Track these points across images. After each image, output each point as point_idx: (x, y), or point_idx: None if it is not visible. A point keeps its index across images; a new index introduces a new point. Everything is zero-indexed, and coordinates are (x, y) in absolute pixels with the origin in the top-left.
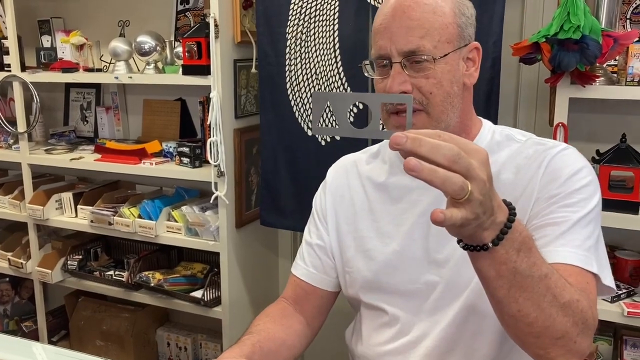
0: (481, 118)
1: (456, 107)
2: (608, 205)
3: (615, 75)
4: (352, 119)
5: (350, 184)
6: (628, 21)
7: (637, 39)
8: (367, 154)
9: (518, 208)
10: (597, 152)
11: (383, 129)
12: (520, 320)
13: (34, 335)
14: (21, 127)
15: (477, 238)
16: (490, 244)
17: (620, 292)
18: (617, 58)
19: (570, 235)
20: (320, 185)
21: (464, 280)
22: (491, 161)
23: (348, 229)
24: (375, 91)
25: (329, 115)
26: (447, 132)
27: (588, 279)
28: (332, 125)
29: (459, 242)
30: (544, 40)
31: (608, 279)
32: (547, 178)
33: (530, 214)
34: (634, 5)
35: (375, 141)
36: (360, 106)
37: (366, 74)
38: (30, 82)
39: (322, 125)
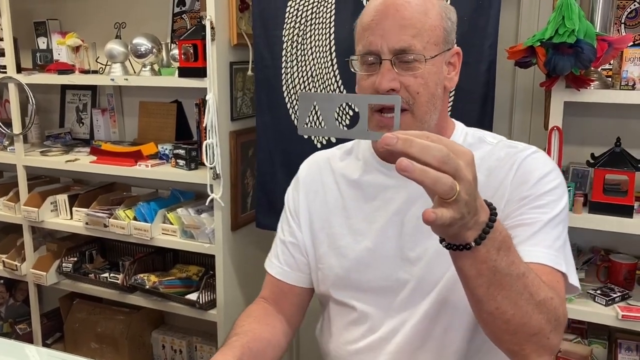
0: (454, 120)
1: (437, 109)
2: (603, 208)
3: (610, 79)
4: (348, 121)
5: (323, 180)
6: (622, 25)
7: (631, 43)
8: (341, 151)
9: None
10: (592, 155)
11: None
12: (498, 318)
13: (28, 338)
14: (16, 128)
15: (460, 237)
16: (472, 244)
17: (614, 295)
18: (611, 62)
19: (541, 236)
20: (293, 181)
21: (435, 277)
22: None
23: (321, 225)
24: (359, 88)
25: (317, 115)
26: (428, 130)
27: (558, 278)
28: (319, 126)
29: (441, 241)
30: (539, 44)
31: (574, 278)
32: (518, 180)
33: (502, 215)
34: (629, 10)
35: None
36: (356, 109)
37: (352, 70)
38: (26, 84)
39: (308, 125)
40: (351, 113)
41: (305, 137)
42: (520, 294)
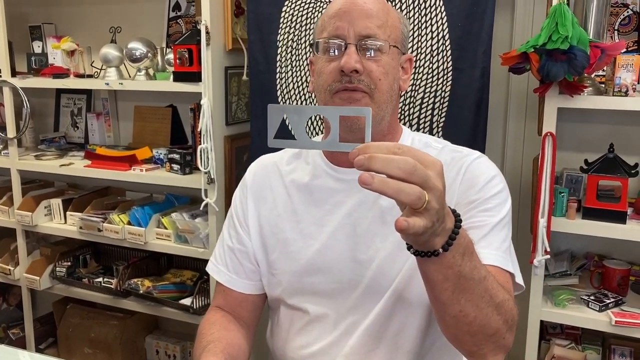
0: (400, 124)
1: (392, 105)
2: (596, 214)
3: (603, 85)
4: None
5: (272, 184)
6: (616, 32)
7: (624, 49)
8: (289, 154)
9: None
10: (586, 161)
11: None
12: (461, 320)
13: (21, 343)
14: (11, 132)
15: (429, 244)
16: (440, 250)
17: (608, 301)
18: (605, 68)
19: (490, 238)
20: (240, 185)
21: (387, 279)
22: None
23: (271, 230)
24: (318, 74)
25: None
26: (380, 127)
27: (507, 278)
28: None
29: (409, 248)
30: (533, 50)
31: (519, 278)
32: (466, 184)
33: None
34: (622, 17)
35: None
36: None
37: (313, 54)
38: (21, 88)
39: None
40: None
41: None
42: (482, 297)
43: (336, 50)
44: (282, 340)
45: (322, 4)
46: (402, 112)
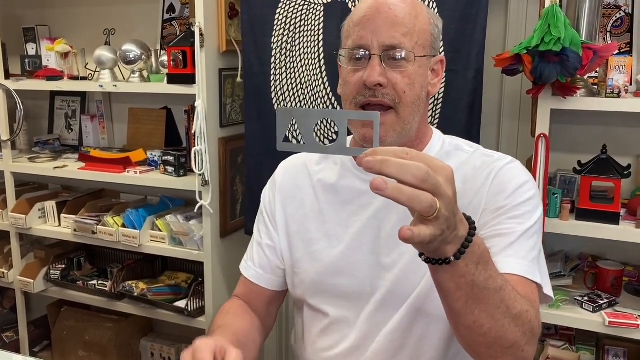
0: (431, 127)
1: (420, 112)
2: (590, 215)
3: (596, 87)
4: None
5: (300, 184)
6: (608, 34)
7: (616, 51)
8: (319, 156)
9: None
10: (579, 162)
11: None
12: (475, 331)
13: (15, 346)
14: (4, 135)
15: (440, 252)
16: (452, 258)
17: (602, 302)
18: (597, 70)
19: (517, 247)
20: (269, 182)
21: (410, 285)
22: None
23: (297, 229)
24: (343, 83)
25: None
26: (408, 136)
27: (532, 289)
28: (297, 142)
29: (420, 255)
30: (525, 52)
31: (548, 289)
32: (495, 190)
33: (478, 225)
34: (614, 19)
35: None
36: (335, 125)
37: (339, 63)
38: (15, 90)
39: (291, 138)
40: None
41: (294, 143)
42: (498, 307)
43: (360, 61)
44: (304, 343)
45: (316, 6)
46: None
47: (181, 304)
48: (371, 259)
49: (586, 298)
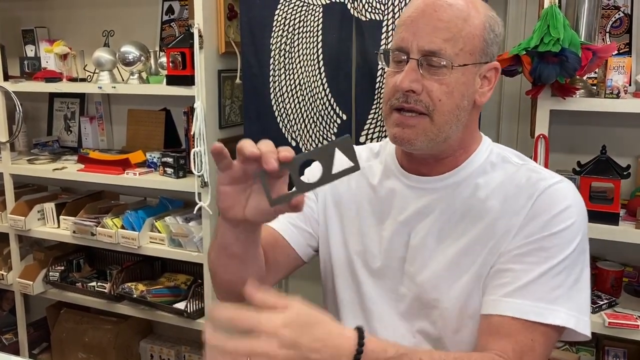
0: (482, 135)
1: (461, 122)
2: (589, 216)
3: (595, 87)
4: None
5: (349, 177)
6: (607, 34)
7: (615, 52)
8: (370, 153)
9: (495, 240)
10: (578, 163)
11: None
12: None
13: (14, 348)
14: (3, 136)
15: None
16: None
17: (601, 302)
18: (596, 71)
19: (534, 287)
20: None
21: (430, 299)
22: (482, 182)
23: (335, 213)
24: (385, 84)
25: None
26: (446, 144)
27: (536, 335)
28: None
29: None
30: (525, 52)
31: (581, 326)
32: (533, 213)
33: (504, 249)
34: (613, 19)
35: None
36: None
37: (380, 64)
38: (13, 92)
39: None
40: (339, 121)
41: (293, 145)
42: None
43: (400, 63)
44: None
45: (315, 7)
46: None
47: (180, 305)
48: (398, 265)
49: None
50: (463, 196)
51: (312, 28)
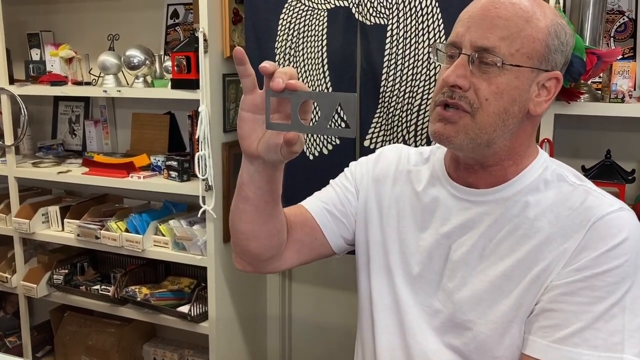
0: (540, 150)
1: (509, 129)
2: None
3: (600, 92)
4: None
5: (396, 176)
6: (612, 39)
7: (620, 56)
8: (420, 157)
9: (541, 267)
10: (583, 167)
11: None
12: None
13: (18, 351)
14: (8, 140)
15: None
16: None
17: None
18: (601, 75)
19: (589, 332)
20: (374, 156)
21: (467, 319)
22: (533, 200)
23: (375, 214)
24: (437, 79)
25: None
26: (490, 150)
27: None
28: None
29: None
30: None
31: None
32: (584, 244)
33: (550, 283)
34: (618, 24)
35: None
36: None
37: (433, 58)
38: (19, 95)
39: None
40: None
41: None
42: None
43: (452, 59)
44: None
45: (319, 12)
46: (400, 118)
47: (184, 309)
48: (436, 278)
49: None
50: (511, 213)
51: (316, 32)
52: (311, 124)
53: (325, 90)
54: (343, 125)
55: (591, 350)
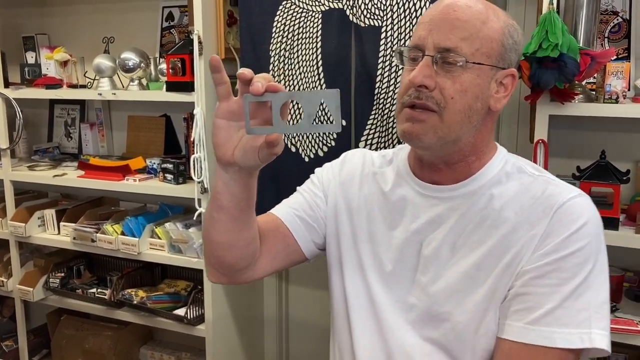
0: (498, 145)
1: (473, 125)
2: None
3: (594, 92)
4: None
5: (362, 180)
6: (606, 40)
7: (614, 57)
8: (382, 159)
9: (511, 255)
10: (578, 168)
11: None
12: None
13: (14, 355)
14: (4, 143)
15: None
16: None
17: None
18: (595, 76)
19: (560, 312)
20: (338, 162)
21: (441, 312)
22: (497, 192)
23: (346, 219)
24: (401, 83)
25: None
26: (456, 146)
27: (550, 357)
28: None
29: None
30: (523, 58)
31: (604, 343)
32: (549, 230)
33: (521, 269)
34: (612, 25)
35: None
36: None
37: (395, 62)
38: (14, 99)
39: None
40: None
41: (293, 150)
42: None
43: (415, 61)
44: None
45: (314, 14)
46: (395, 120)
47: (181, 311)
48: (409, 275)
49: None
50: (477, 206)
51: (311, 34)
52: (291, 123)
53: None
54: (328, 121)
55: (563, 328)
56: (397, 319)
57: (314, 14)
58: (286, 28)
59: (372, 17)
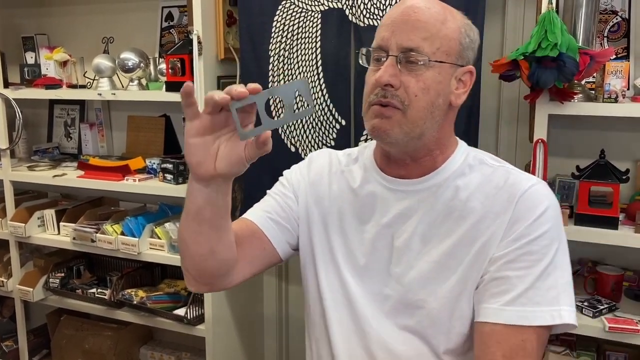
0: (458, 139)
1: (436, 120)
2: (588, 220)
3: (593, 92)
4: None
5: (330, 179)
6: (605, 39)
7: (613, 56)
8: (349, 158)
9: (481, 243)
10: (577, 167)
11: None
12: None
13: (14, 355)
14: (3, 143)
15: None
16: None
17: (602, 307)
18: (594, 75)
19: (532, 292)
20: (304, 163)
21: (417, 299)
22: (462, 184)
23: (317, 218)
24: (366, 83)
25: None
26: (421, 141)
27: (527, 335)
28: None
29: None
30: (522, 57)
31: (571, 318)
32: (515, 217)
33: (493, 255)
34: (611, 24)
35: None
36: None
37: (361, 62)
38: (14, 99)
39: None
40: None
41: (293, 150)
42: None
43: (379, 62)
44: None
45: (313, 13)
46: None
47: (180, 311)
48: (383, 267)
49: (586, 303)
50: (445, 198)
51: (310, 34)
52: (276, 118)
53: (320, 91)
54: (304, 107)
55: (535, 306)
56: (373, 311)
57: (313, 13)
58: (286, 28)
59: (371, 16)
